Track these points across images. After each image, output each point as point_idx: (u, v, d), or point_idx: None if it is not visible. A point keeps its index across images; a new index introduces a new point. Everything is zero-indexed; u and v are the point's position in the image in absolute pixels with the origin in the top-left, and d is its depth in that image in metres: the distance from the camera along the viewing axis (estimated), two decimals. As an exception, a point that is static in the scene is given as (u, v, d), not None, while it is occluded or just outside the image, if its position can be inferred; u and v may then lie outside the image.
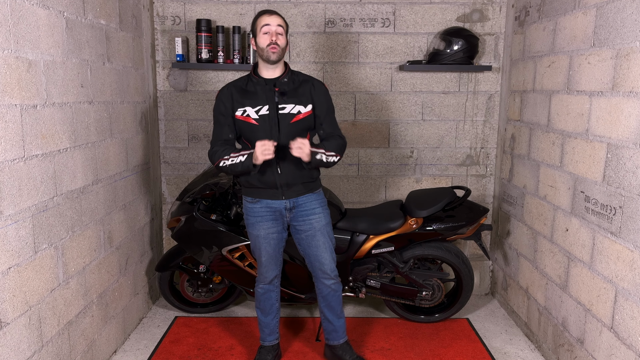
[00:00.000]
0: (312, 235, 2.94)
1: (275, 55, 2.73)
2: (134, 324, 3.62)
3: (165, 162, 4.12)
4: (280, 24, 2.73)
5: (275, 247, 2.97)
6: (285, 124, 2.80)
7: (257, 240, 2.95)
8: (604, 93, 2.63)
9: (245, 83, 2.87)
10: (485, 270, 4.27)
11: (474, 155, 4.13)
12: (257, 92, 2.82)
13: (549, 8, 3.23)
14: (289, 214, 2.93)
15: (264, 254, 2.96)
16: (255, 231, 2.93)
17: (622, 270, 2.48)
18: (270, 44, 2.71)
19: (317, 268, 2.99)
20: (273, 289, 3.08)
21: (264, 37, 2.73)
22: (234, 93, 2.84)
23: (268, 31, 2.71)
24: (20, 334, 2.29)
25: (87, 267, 2.90)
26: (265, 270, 3.01)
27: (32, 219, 2.36)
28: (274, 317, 3.14)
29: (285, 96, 2.81)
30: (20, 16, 2.24)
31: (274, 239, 2.95)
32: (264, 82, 2.82)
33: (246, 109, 2.80)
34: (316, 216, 2.94)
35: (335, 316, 3.10)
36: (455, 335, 3.56)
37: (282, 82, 2.83)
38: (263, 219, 2.91)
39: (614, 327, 2.56)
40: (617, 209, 2.51)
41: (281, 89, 2.82)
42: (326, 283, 3.01)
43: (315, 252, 2.96)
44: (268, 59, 2.75)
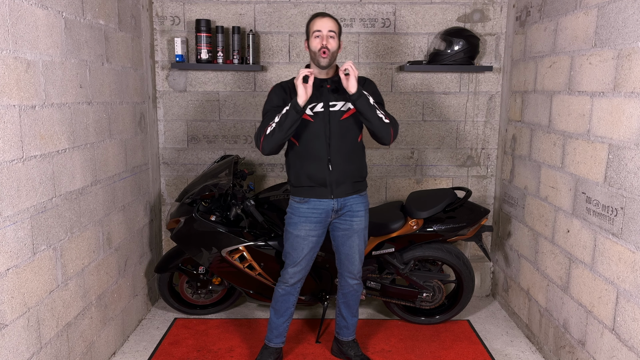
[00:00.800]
0: (349, 235, 2.97)
1: (326, 60, 2.76)
2: (133, 325, 3.61)
3: (164, 163, 4.11)
4: (332, 29, 2.75)
5: (311, 250, 2.97)
6: (336, 120, 2.83)
7: (296, 241, 2.93)
8: (605, 94, 2.62)
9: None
10: (486, 272, 4.25)
11: (475, 156, 4.12)
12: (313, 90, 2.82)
13: (550, 8, 3.22)
14: (335, 216, 2.95)
15: (300, 256, 2.95)
16: (296, 231, 2.93)
17: (623, 271, 2.47)
18: (321, 48, 2.74)
19: (346, 266, 3.04)
20: (294, 292, 3.06)
21: (316, 40, 2.75)
22: (287, 89, 2.88)
23: (319, 35, 2.74)
24: (19, 335, 2.28)
25: (86, 269, 2.88)
26: (294, 271, 2.99)
27: (31, 220, 2.35)
28: (287, 320, 3.12)
29: (337, 93, 2.84)
30: (19, 16, 2.23)
31: (313, 242, 2.95)
32: (318, 81, 2.84)
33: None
34: (358, 218, 2.96)
35: (350, 314, 3.17)
36: (455, 337, 3.54)
37: (333, 79, 2.87)
38: (308, 220, 2.91)
39: (615, 328, 2.54)
40: (618, 210, 2.50)
41: (332, 86, 2.85)
42: (350, 282, 3.07)
43: (347, 252, 3.00)
44: (318, 64, 2.79)
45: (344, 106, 2.84)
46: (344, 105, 2.84)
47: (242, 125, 4.07)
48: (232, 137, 4.08)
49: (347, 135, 2.86)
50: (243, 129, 4.07)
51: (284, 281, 3.03)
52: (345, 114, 2.84)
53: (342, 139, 2.85)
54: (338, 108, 2.84)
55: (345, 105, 2.84)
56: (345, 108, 2.84)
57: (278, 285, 3.06)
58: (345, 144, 2.86)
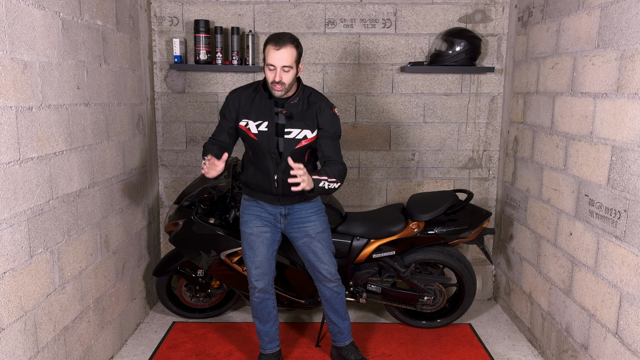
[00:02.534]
0: (308, 242, 2.96)
1: (280, 92, 2.69)
2: (131, 329, 3.60)
3: (162, 165, 4.09)
4: (286, 64, 2.59)
5: (268, 248, 2.94)
6: (290, 148, 2.77)
7: (250, 239, 2.92)
8: (608, 95, 2.61)
9: (255, 93, 2.83)
10: (487, 275, 4.23)
11: (477, 158, 4.10)
12: (261, 105, 2.78)
13: (552, 8, 3.21)
14: (284, 220, 2.94)
15: (257, 254, 2.92)
16: (248, 229, 2.92)
17: (626, 274, 2.46)
18: (273, 82, 2.65)
19: (317, 272, 3.01)
20: (269, 296, 3.02)
21: (269, 72, 2.66)
22: (242, 100, 2.82)
23: (273, 68, 2.63)
24: (16, 339, 2.27)
25: (83, 272, 2.87)
26: (257, 274, 2.94)
27: (28, 222, 2.34)
28: (273, 324, 3.09)
29: (293, 120, 2.76)
30: (16, 17, 2.22)
31: (268, 238, 2.93)
32: (267, 96, 2.77)
33: (248, 122, 2.79)
34: (311, 224, 2.94)
35: (340, 318, 3.12)
36: (457, 341, 3.53)
37: (291, 104, 2.76)
38: (258, 217, 2.92)
39: (618, 332, 2.53)
40: (621, 213, 2.49)
41: (289, 111, 2.76)
42: (328, 286, 3.02)
43: (313, 258, 2.98)
44: (273, 95, 2.72)
45: (299, 134, 2.77)
46: (300, 132, 2.76)
47: (241, 127, 4.04)
48: (231, 139, 4.05)
49: (301, 159, 2.81)
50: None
51: (252, 287, 2.98)
52: (300, 143, 2.77)
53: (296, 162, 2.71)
54: (293, 136, 2.76)
55: (302, 132, 2.76)
56: (301, 136, 2.77)
57: (251, 295, 3.01)
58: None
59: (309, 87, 2.88)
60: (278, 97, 2.74)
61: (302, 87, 2.82)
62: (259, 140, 2.77)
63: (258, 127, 2.77)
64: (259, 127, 2.77)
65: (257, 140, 2.78)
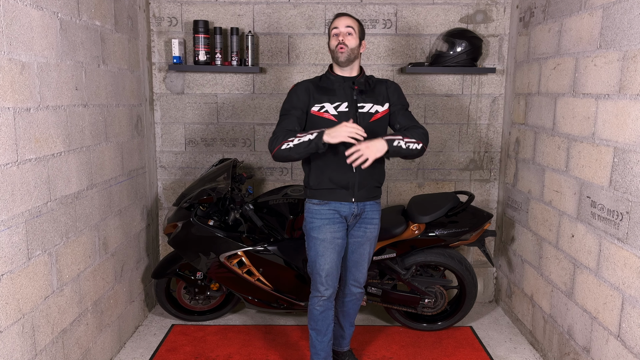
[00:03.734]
0: (362, 243, 2.89)
1: (344, 55, 2.71)
2: (129, 332, 3.58)
3: (161, 166, 4.07)
4: (349, 25, 2.72)
5: (339, 254, 2.83)
6: (365, 122, 2.75)
7: (322, 246, 2.78)
8: (610, 96, 2.60)
9: (321, 80, 2.84)
10: (489, 277, 4.22)
11: (478, 159, 4.09)
12: (335, 88, 2.78)
13: (554, 9, 3.20)
14: (354, 220, 2.86)
15: (328, 262, 2.79)
16: (321, 235, 2.78)
17: (629, 277, 2.45)
18: (338, 44, 2.71)
19: (352, 274, 2.95)
20: (331, 306, 2.89)
21: (334, 39, 2.74)
22: (311, 88, 2.80)
23: (337, 33, 2.72)
24: (13, 342, 2.26)
25: (81, 274, 2.86)
26: (327, 281, 2.81)
27: (26, 224, 2.33)
28: (330, 339, 2.95)
29: (364, 95, 2.79)
30: (14, 17, 2.21)
31: (339, 245, 2.82)
32: (342, 79, 2.79)
33: (324, 104, 2.75)
34: (373, 226, 2.89)
35: (348, 323, 3.11)
36: (458, 344, 3.51)
37: (359, 81, 2.81)
38: (331, 221, 2.79)
39: (620, 335, 2.52)
40: (624, 215, 2.48)
41: (360, 87, 2.80)
42: (354, 291, 2.98)
43: (357, 259, 2.92)
44: (337, 60, 2.74)
45: (372, 108, 2.78)
46: (372, 107, 2.78)
47: (240, 128, 4.03)
48: (230, 140, 4.04)
49: (376, 135, 2.72)
50: (242, 132, 4.03)
51: (319, 296, 2.84)
52: (374, 116, 2.78)
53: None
54: (367, 110, 2.77)
55: (374, 107, 2.79)
56: (374, 110, 2.78)
57: (313, 303, 2.87)
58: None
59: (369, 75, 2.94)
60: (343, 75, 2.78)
61: (364, 72, 2.88)
62: (340, 122, 2.69)
63: (337, 109, 2.74)
64: (338, 109, 2.74)
65: (337, 122, 2.69)
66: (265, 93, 3.97)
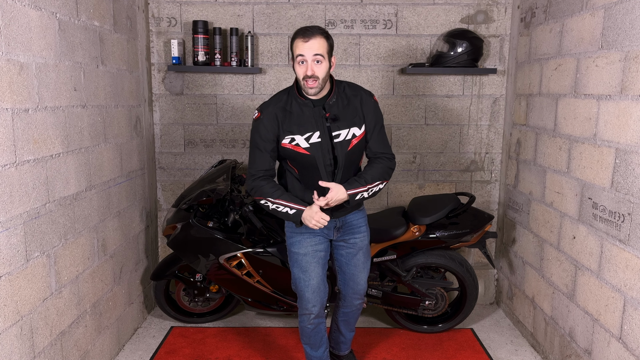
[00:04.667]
0: (354, 253, 2.81)
1: (314, 89, 2.46)
2: (128, 334, 3.57)
3: (160, 167, 4.06)
4: (318, 52, 2.39)
5: (323, 268, 2.72)
6: (343, 152, 2.56)
7: (304, 260, 2.68)
8: (612, 97, 2.59)
9: (288, 104, 2.56)
10: (490, 279, 4.20)
11: (479, 160, 4.07)
12: (304, 115, 2.53)
13: (555, 9, 3.18)
14: (337, 233, 2.77)
15: (314, 277, 2.68)
16: (302, 249, 2.68)
17: (630, 279, 2.44)
18: (305, 77, 2.43)
19: (350, 287, 2.88)
20: (322, 320, 2.80)
21: (299, 67, 2.44)
22: (278, 116, 2.53)
23: (303, 61, 2.42)
24: (12, 344, 2.25)
25: (80, 276, 2.85)
26: (314, 298, 2.70)
27: (24, 226, 2.32)
28: (325, 348, 2.91)
29: (338, 121, 2.53)
30: (12, 17, 2.20)
31: (322, 257, 2.71)
32: (311, 104, 2.53)
33: (294, 136, 2.53)
34: (361, 235, 2.80)
35: (348, 330, 3.08)
36: (459, 346, 3.50)
37: (330, 104, 2.54)
38: (312, 234, 2.70)
39: (622, 337, 2.51)
40: (625, 216, 2.47)
41: (332, 113, 2.53)
42: (354, 303, 2.93)
43: (352, 271, 2.83)
44: (306, 93, 2.50)
45: (348, 134, 2.55)
46: (348, 132, 2.55)
47: (240, 129, 4.01)
48: (230, 142, 4.03)
49: (353, 163, 2.65)
50: (241, 133, 4.02)
51: (307, 313, 2.74)
52: (351, 144, 2.57)
53: (347, 169, 2.63)
54: (343, 138, 2.54)
55: (350, 131, 2.56)
56: (350, 136, 2.55)
57: (304, 321, 2.78)
58: (349, 173, 2.65)
59: (340, 81, 2.67)
60: (313, 99, 2.53)
61: (336, 83, 2.60)
62: (312, 154, 2.52)
63: (308, 140, 2.51)
64: (310, 140, 2.51)
65: (310, 155, 2.52)
66: (265, 94, 3.96)
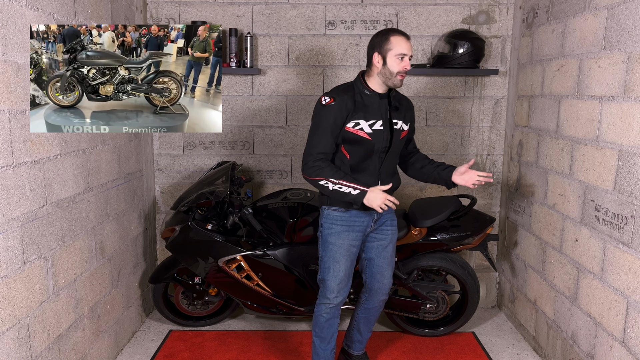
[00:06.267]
0: (384, 246, 2.90)
1: (402, 81, 2.72)
2: (126, 337, 3.55)
3: (159, 169, 4.04)
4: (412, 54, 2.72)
5: (352, 263, 2.83)
6: (397, 139, 2.81)
7: (339, 252, 2.78)
8: (615, 98, 2.57)
9: (357, 94, 2.75)
10: (491, 282, 4.18)
11: (480, 162, 4.05)
12: (371, 105, 2.73)
13: (557, 10, 3.17)
14: (374, 225, 2.87)
15: (343, 268, 2.79)
16: (339, 241, 2.78)
17: (634, 282, 2.43)
18: (401, 72, 2.66)
19: (377, 280, 2.93)
20: (338, 313, 2.88)
21: (399, 62, 2.65)
22: (349, 104, 2.70)
23: (404, 57, 2.65)
24: (9, 348, 2.23)
25: (78, 279, 2.84)
26: (338, 288, 2.80)
27: (21, 228, 2.31)
28: (333, 348, 2.95)
29: (398, 111, 2.81)
30: (9, 18, 2.19)
31: (354, 253, 2.83)
32: (378, 96, 2.74)
33: (359, 122, 2.69)
34: (393, 228, 2.93)
35: (367, 330, 3.11)
36: (460, 350, 3.48)
37: (393, 96, 2.82)
38: (351, 228, 2.79)
39: (625, 341, 2.50)
40: (628, 219, 2.46)
41: (394, 104, 2.80)
42: (379, 298, 2.98)
43: (381, 264, 2.91)
44: (394, 85, 2.70)
45: (401, 125, 2.82)
46: (401, 124, 2.83)
47: (239, 131, 4.00)
48: (229, 143, 4.01)
49: (398, 151, 2.89)
50: (240, 134, 4.00)
51: (327, 303, 2.82)
52: (402, 133, 2.84)
53: (394, 156, 2.85)
54: (399, 127, 2.80)
55: (402, 124, 2.83)
56: (402, 127, 2.84)
57: (320, 310, 2.85)
58: (394, 160, 2.88)
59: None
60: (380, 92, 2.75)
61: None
62: (373, 140, 2.71)
63: (372, 127, 2.70)
64: (373, 127, 2.71)
65: (371, 140, 2.70)
66: (264, 95, 3.94)
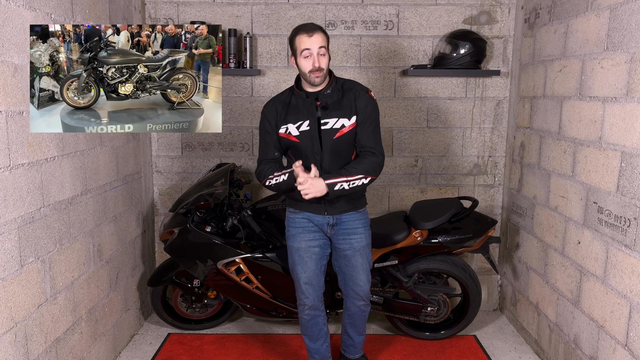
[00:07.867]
0: (351, 255, 2.86)
1: (319, 79, 2.64)
2: (124, 341, 3.54)
3: (157, 171, 4.03)
4: (322, 45, 2.60)
5: (317, 263, 2.83)
6: (329, 139, 2.70)
7: (297, 255, 2.82)
8: (617, 99, 2.56)
9: (289, 97, 2.80)
10: (493, 285, 4.16)
11: (482, 164, 4.03)
12: (298, 106, 2.74)
13: (560, 10, 3.15)
14: (331, 230, 2.84)
15: (306, 270, 2.81)
16: (295, 243, 2.82)
17: (636, 284, 2.42)
18: (312, 70, 2.61)
19: (350, 288, 2.92)
20: (319, 313, 2.90)
21: (306, 61, 2.62)
22: (278, 109, 2.77)
23: (309, 55, 2.60)
24: (6, 351, 2.23)
25: (75, 282, 2.83)
26: (306, 289, 2.84)
27: (18, 231, 2.30)
28: (324, 341, 2.99)
29: (328, 110, 2.71)
30: (6, 18, 2.19)
31: (316, 253, 2.82)
32: (305, 95, 2.73)
33: (288, 125, 2.73)
34: (357, 236, 2.84)
35: (356, 333, 3.09)
36: (462, 353, 3.46)
37: (324, 94, 2.72)
38: (305, 230, 2.82)
39: (628, 344, 2.48)
40: (631, 221, 2.44)
41: (323, 102, 2.72)
42: (357, 304, 2.95)
43: (351, 272, 2.88)
44: (312, 83, 2.67)
45: (336, 123, 2.69)
46: (337, 122, 2.69)
47: (238, 132, 3.98)
48: (228, 145, 3.99)
49: (341, 153, 2.73)
50: (240, 135, 3.98)
51: (302, 304, 2.87)
52: (338, 132, 2.70)
53: (335, 158, 2.72)
54: (330, 126, 2.69)
55: (339, 122, 2.69)
56: (338, 125, 2.69)
57: (300, 312, 2.91)
58: (338, 163, 2.73)
59: (341, 78, 2.84)
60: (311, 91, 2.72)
61: (334, 77, 2.77)
62: (301, 142, 2.71)
63: (299, 129, 2.71)
64: (300, 128, 2.71)
65: (300, 142, 2.71)
66: (264, 96, 3.92)
